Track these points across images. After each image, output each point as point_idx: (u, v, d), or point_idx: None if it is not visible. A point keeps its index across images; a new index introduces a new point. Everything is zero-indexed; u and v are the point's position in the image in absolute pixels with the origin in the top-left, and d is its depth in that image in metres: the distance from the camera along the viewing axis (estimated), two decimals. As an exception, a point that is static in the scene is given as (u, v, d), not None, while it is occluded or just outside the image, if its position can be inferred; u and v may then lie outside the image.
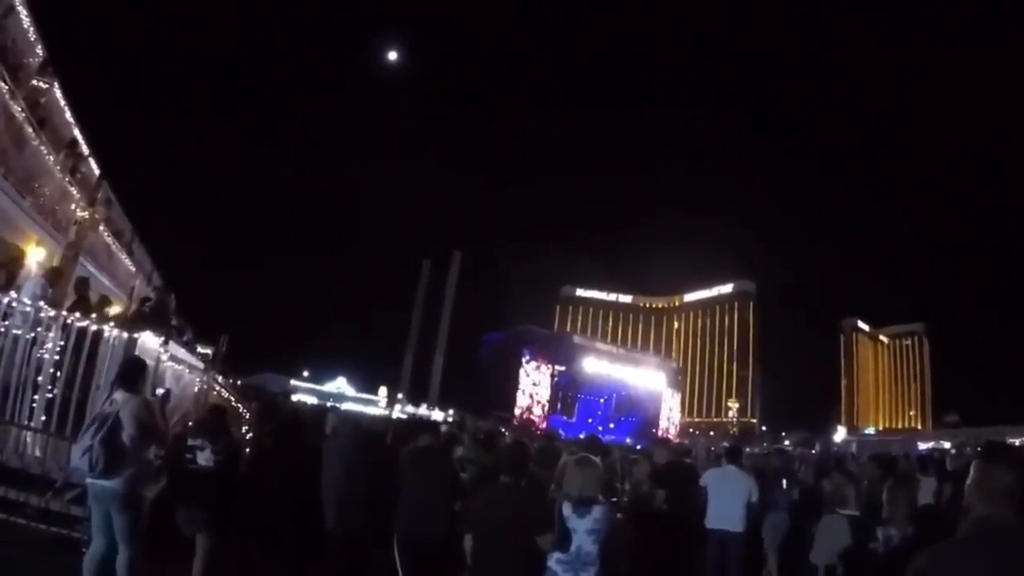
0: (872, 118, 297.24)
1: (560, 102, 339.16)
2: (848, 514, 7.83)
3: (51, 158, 12.18)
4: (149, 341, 7.29)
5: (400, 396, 78.11)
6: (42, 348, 6.98)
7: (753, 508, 8.25)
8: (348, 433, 6.85)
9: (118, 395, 5.38)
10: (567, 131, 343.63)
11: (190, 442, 5.80)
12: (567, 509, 4.55)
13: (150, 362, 7.06)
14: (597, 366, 79.33)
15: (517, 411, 69.99)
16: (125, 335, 6.96)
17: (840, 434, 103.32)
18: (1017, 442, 51.15)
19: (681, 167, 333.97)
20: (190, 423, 7.58)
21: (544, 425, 68.98)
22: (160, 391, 7.19)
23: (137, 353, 6.66)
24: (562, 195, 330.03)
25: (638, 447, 26.69)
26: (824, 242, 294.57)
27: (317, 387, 65.04)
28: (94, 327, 6.93)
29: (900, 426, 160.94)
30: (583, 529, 4.48)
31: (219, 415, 6.45)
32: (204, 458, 5.66)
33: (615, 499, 7.83)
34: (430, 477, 6.17)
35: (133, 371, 5.64)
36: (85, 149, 14.96)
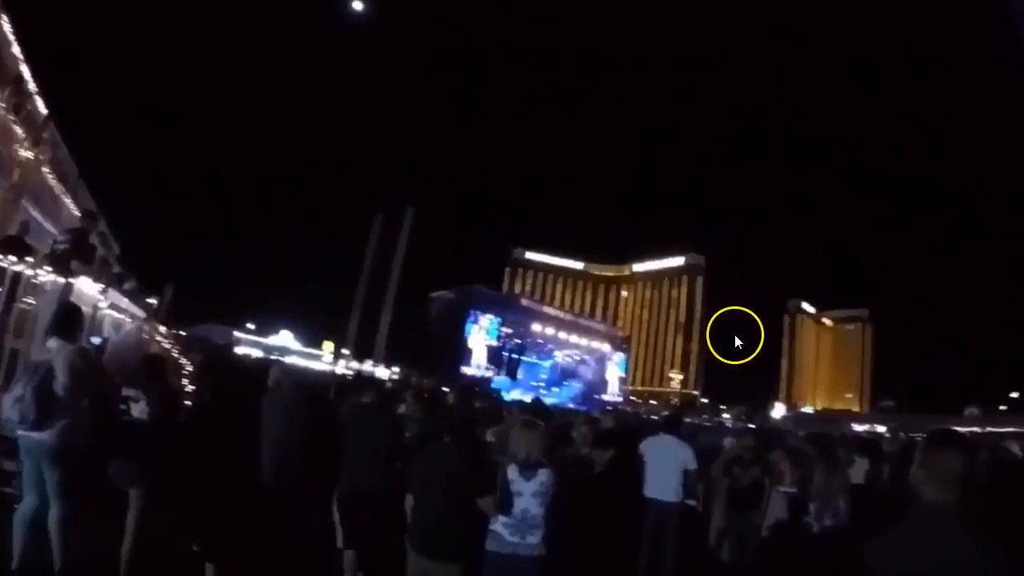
0: (824, 104, 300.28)
1: (518, 63, 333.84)
2: (785, 491, 8.00)
3: (-6, 94, 11.58)
4: (86, 287, 7.06)
5: (346, 352, 77.81)
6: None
7: (691, 477, 8.38)
8: (288, 387, 6.78)
9: (52, 343, 5.19)
10: (526, 89, 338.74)
11: (124, 392, 5.63)
12: (512, 472, 4.59)
13: (87, 309, 6.86)
14: (544, 330, 79.78)
15: (464, 371, 70.02)
16: (60, 280, 6.72)
17: (778, 411, 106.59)
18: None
19: (636, 138, 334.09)
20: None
21: (489, 375, 69.52)
22: (96, 340, 6.99)
23: (73, 299, 6.44)
24: (518, 155, 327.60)
25: (581, 411, 27.08)
26: (776, 224, 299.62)
27: (262, 340, 64.32)
28: (28, 271, 6.66)
29: (837, 408, 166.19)
30: (529, 492, 4.54)
31: (154, 365, 6.27)
32: (139, 410, 5.51)
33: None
34: (371, 434, 6.18)
35: (68, 318, 5.45)
36: (32, 87, 14.27)
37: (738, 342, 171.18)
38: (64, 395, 4.98)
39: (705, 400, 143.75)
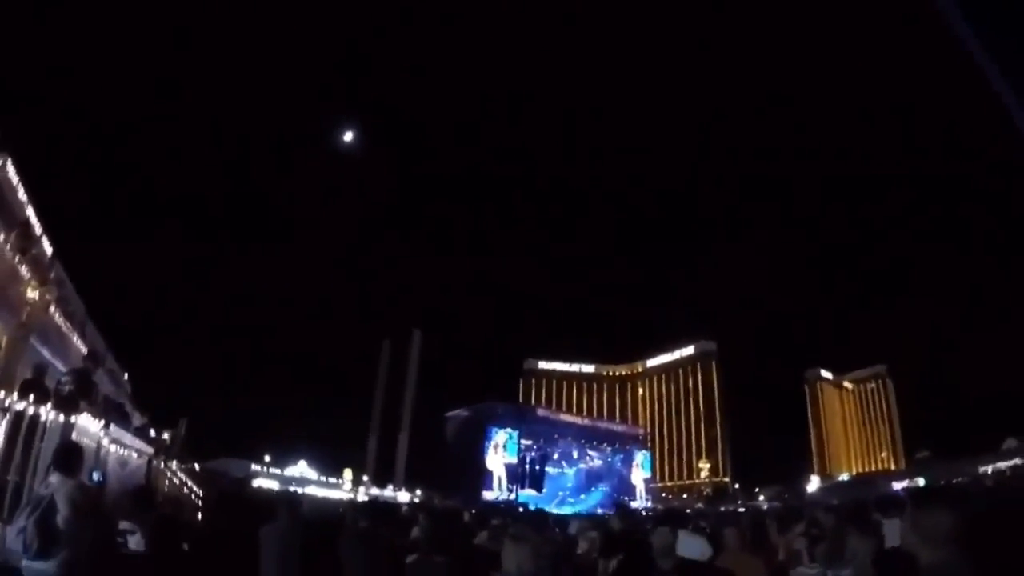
0: (821, 162, 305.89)
1: (512, 175, 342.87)
2: (808, 572, 7.82)
3: (1, 237, 12.17)
4: (89, 424, 7.30)
5: (365, 478, 76.67)
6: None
7: None
8: (285, 516, 6.86)
9: (53, 478, 5.40)
10: (520, 203, 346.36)
11: (121, 526, 5.78)
12: None
13: (91, 445, 7.08)
14: (564, 438, 78.87)
15: (486, 495, 68.76)
16: (62, 418, 6.97)
17: (814, 484, 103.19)
18: (989, 470, 51.87)
19: (632, 235, 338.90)
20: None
21: (512, 497, 68.03)
22: (96, 476, 7.16)
23: (75, 436, 6.68)
24: (519, 267, 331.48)
25: (605, 515, 26.51)
26: (780, 295, 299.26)
27: (279, 472, 63.58)
28: (31, 410, 6.93)
29: (873, 469, 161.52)
30: None
31: (142, 497, 6.42)
32: (135, 542, 5.66)
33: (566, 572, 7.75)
34: (370, 559, 6.20)
35: (68, 455, 5.66)
36: (38, 229, 14.92)
37: (763, 420, 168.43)
38: (65, 527, 5.15)
39: (737, 485, 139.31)
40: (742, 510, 38.72)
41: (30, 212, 14.70)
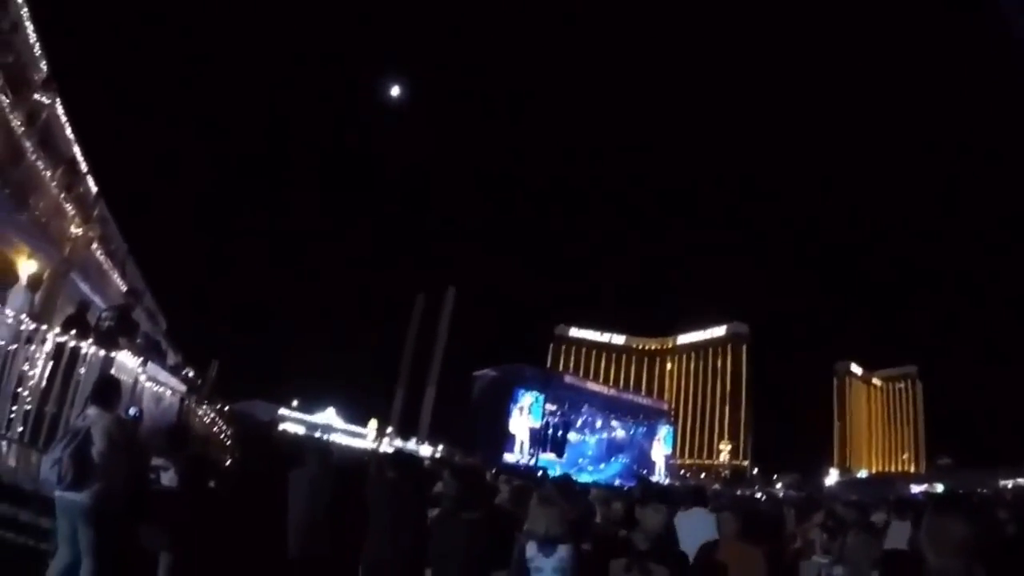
0: (858, 156, 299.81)
1: (553, 140, 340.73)
2: (821, 561, 7.78)
3: (48, 174, 12.33)
4: (127, 360, 7.40)
5: (390, 430, 77.67)
6: (24, 361, 7.07)
7: None
8: (315, 463, 6.92)
9: (91, 411, 5.48)
10: (562, 167, 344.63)
11: (154, 462, 5.88)
12: (531, 549, 4.55)
13: (128, 381, 7.17)
14: (588, 406, 79.02)
15: (507, 457, 69.26)
16: (102, 353, 7.07)
17: (832, 477, 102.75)
18: (1009, 484, 51.08)
19: (679, 210, 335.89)
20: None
21: (532, 461, 68.49)
22: (133, 411, 7.27)
23: (114, 372, 6.77)
24: (558, 231, 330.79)
25: (626, 488, 26.58)
26: (818, 285, 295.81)
27: (306, 417, 64.66)
28: (72, 343, 7.04)
29: (893, 469, 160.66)
30: (549, 568, 4.48)
31: (178, 435, 6.53)
32: (168, 478, 5.75)
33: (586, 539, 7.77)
34: (397, 510, 6.24)
35: (107, 389, 5.74)
36: (84, 167, 15.11)
37: (788, 408, 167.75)
38: (99, 460, 5.23)
39: (756, 470, 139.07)
40: (759, 495, 38.70)
41: (76, 150, 14.87)
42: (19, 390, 6.90)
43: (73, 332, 7.17)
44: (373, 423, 76.75)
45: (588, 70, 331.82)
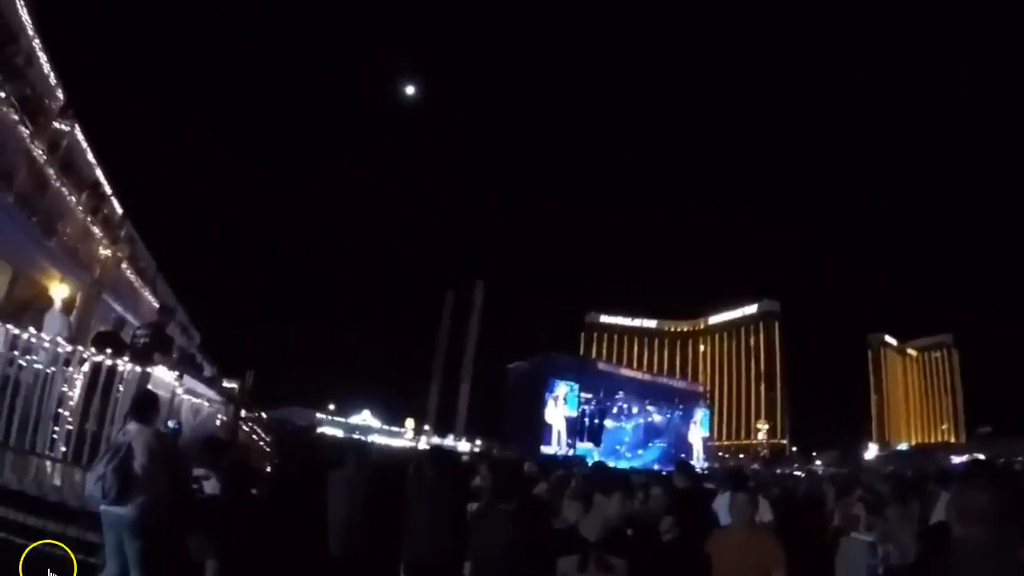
0: (881, 128, 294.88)
1: (572, 128, 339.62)
2: (862, 538, 7.71)
3: (73, 199, 12.59)
4: (164, 375, 7.55)
5: (427, 427, 78.27)
6: (63, 383, 7.27)
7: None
8: (352, 463, 7.02)
9: (131, 426, 5.62)
10: (582, 156, 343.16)
11: (195, 473, 6.01)
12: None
13: (165, 395, 7.32)
14: (623, 393, 78.77)
15: (545, 450, 69.28)
16: (139, 369, 7.23)
17: (872, 451, 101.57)
18: None
19: (700, 189, 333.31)
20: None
21: (571, 452, 68.41)
22: (172, 424, 7.43)
23: (151, 387, 6.93)
24: (582, 219, 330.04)
25: (663, 472, 26.51)
26: (846, 257, 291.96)
27: (343, 420, 65.39)
28: (109, 362, 7.21)
29: (933, 440, 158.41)
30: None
31: (216, 445, 6.67)
32: (211, 487, 5.87)
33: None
34: (434, 505, 6.30)
35: (145, 404, 5.88)
36: (108, 189, 15.40)
37: (824, 384, 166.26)
38: (142, 473, 5.36)
39: (795, 448, 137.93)
40: (799, 473, 38.34)
41: (99, 173, 15.15)
42: (60, 411, 7.09)
43: (109, 351, 7.34)
44: (410, 422, 77.42)
45: (614, 53, 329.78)
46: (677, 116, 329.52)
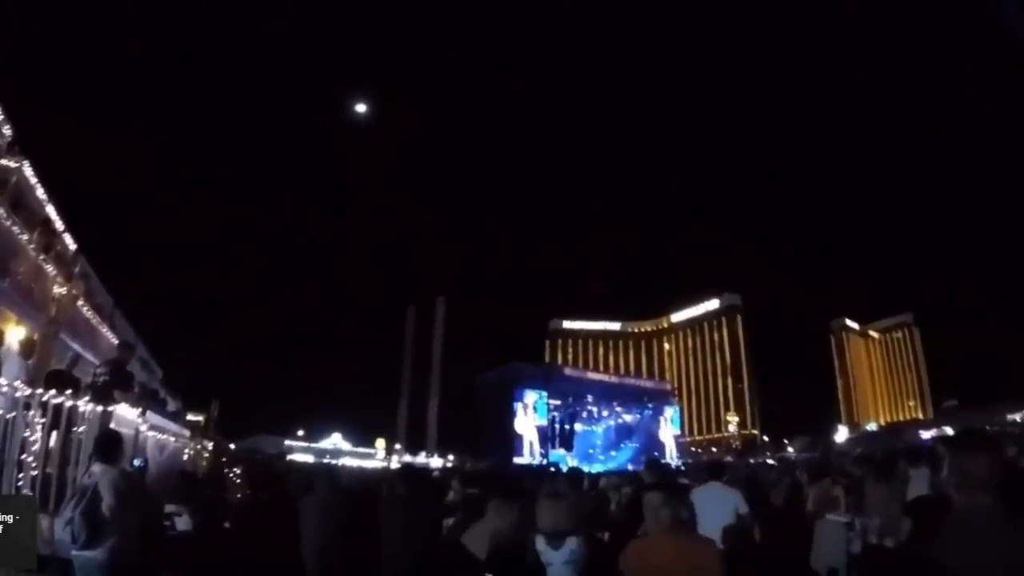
0: (828, 114, 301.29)
1: (526, 134, 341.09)
2: (838, 519, 7.81)
3: (24, 237, 12.33)
4: (126, 412, 7.46)
5: (397, 446, 77.66)
6: (25, 427, 7.11)
7: (743, 521, 8.19)
8: (324, 488, 7.01)
9: (96, 467, 5.55)
10: (536, 163, 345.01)
11: (167, 509, 5.96)
12: (540, 543, 4.48)
13: (129, 433, 7.24)
14: (591, 396, 79.04)
15: (517, 461, 69.18)
16: (99, 408, 7.13)
17: (842, 434, 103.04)
18: (1019, 417, 51.34)
19: (656, 191, 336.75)
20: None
21: (544, 461, 68.37)
22: (138, 462, 7.34)
23: (113, 425, 6.84)
24: (540, 228, 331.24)
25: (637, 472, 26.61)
26: (803, 244, 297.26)
27: (313, 445, 64.65)
28: (69, 403, 7.09)
29: (902, 418, 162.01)
30: (559, 561, 4.43)
31: (187, 481, 6.63)
32: (183, 523, 5.83)
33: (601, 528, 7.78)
34: (409, 524, 6.30)
35: (108, 444, 5.81)
36: (59, 225, 15.11)
37: (790, 372, 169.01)
38: (111, 515, 5.31)
39: (766, 438, 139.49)
40: (772, 462, 38.83)
41: (50, 210, 14.86)
42: (23, 456, 6.95)
43: (68, 392, 7.22)
44: (381, 442, 76.74)
45: (565, 50, 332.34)
46: (627, 117, 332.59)
